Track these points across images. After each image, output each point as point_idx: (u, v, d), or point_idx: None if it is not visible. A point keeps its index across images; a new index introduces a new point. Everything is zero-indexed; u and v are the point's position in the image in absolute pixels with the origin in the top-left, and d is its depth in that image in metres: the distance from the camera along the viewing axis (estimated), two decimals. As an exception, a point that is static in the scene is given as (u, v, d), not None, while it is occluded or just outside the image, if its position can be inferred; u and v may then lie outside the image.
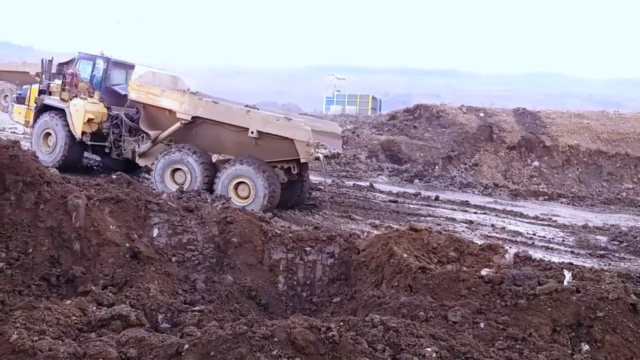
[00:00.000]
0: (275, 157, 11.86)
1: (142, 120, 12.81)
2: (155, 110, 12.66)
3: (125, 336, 3.70)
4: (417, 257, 5.75)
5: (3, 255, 4.81)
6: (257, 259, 6.07)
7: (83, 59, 14.28)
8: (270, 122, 11.72)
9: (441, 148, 22.52)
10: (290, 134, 11.45)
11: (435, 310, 4.56)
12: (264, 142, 11.79)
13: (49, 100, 13.72)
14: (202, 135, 12.35)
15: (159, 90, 12.51)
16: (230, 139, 12.12)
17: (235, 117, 11.96)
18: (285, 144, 11.56)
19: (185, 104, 12.22)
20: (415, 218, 12.84)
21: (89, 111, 13.01)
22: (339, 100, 41.51)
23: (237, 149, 12.03)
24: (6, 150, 5.23)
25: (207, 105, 12.19)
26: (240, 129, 11.85)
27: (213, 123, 12.14)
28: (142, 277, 5.20)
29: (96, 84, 13.95)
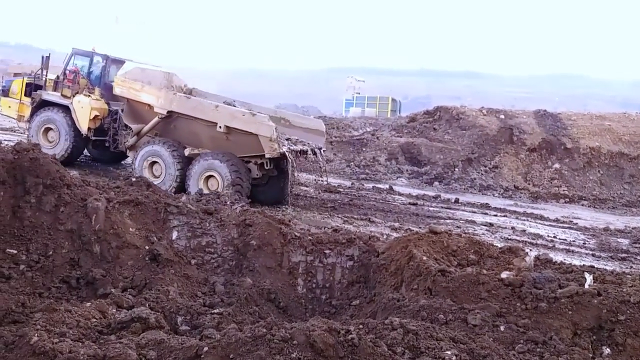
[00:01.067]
0: (246, 152, 12.15)
1: (125, 114, 13.32)
2: (137, 105, 13.11)
3: (144, 338, 3.70)
4: (436, 259, 5.69)
5: (23, 257, 4.86)
6: (276, 261, 6.04)
7: (78, 55, 14.61)
8: (236, 117, 12.05)
9: (461, 150, 22.28)
10: (254, 129, 11.76)
11: (455, 313, 4.50)
12: (234, 137, 12.14)
13: (49, 97, 14.01)
14: (181, 130, 12.78)
15: (139, 86, 12.89)
16: (205, 134, 12.49)
17: (205, 111, 12.33)
18: (252, 139, 11.87)
19: (162, 99, 12.65)
20: (435, 221, 12.71)
21: (94, 108, 13.45)
22: (359, 102, 41.41)
23: (212, 144, 12.38)
24: (27, 153, 5.30)
25: (180, 100, 12.60)
26: (211, 124, 12.19)
27: (188, 118, 12.56)
28: (162, 279, 5.21)
29: (95, 81, 14.34)
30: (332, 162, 21.87)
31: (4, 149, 5.32)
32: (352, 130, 25.57)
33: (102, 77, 14.32)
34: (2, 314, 4.21)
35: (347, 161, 22.00)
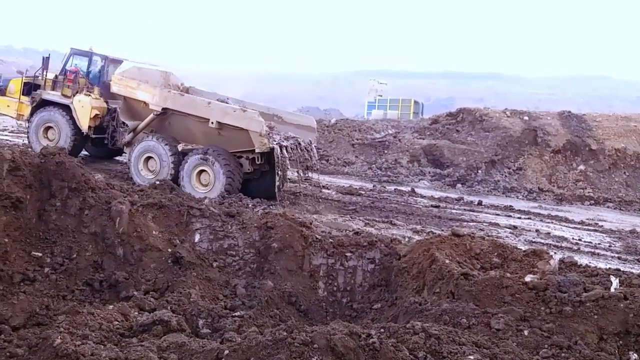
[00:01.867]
0: (238, 147, 12.39)
1: (122, 111, 13.60)
2: (134, 103, 13.43)
3: (166, 341, 3.71)
4: (459, 263, 5.61)
5: (48, 260, 4.93)
6: (298, 264, 6.02)
7: (76, 55, 14.80)
8: (227, 114, 12.34)
9: (484, 152, 21.96)
10: (244, 124, 12.02)
11: (478, 317, 4.43)
12: (226, 133, 12.40)
13: (49, 96, 14.25)
14: (175, 126, 13.08)
15: (135, 84, 13.20)
16: (199, 130, 12.75)
17: (198, 108, 12.65)
18: (243, 135, 12.10)
19: (156, 96, 12.95)
20: (457, 223, 12.53)
21: (95, 107, 13.70)
22: (381, 104, 41.19)
23: (205, 140, 12.66)
24: (52, 157, 5.37)
25: (174, 97, 12.94)
26: (204, 120, 12.45)
27: (182, 115, 12.84)
28: (184, 282, 5.22)
29: (94, 80, 14.54)
30: (354, 165, 21.78)
31: (31, 154, 5.40)
32: (374, 132, 25.43)
33: (100, 77, 14.53)
34: (27, 316, 4.29)
35: (368, 163, 21.88)
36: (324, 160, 22.12)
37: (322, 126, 25.64)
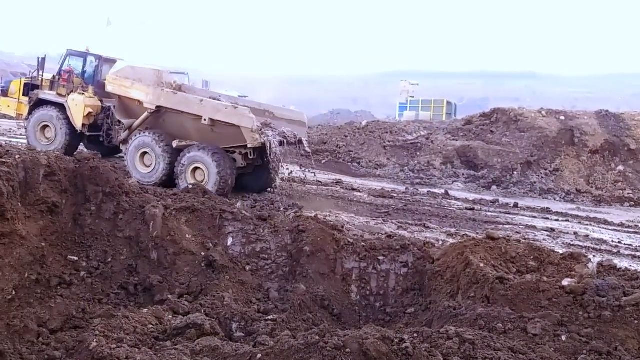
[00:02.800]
0: (230, 143, 12.76)
1: (117, 110, 14.01)
2: (128, 101, 13.84)
3: (199, 345, 3.73)
4: (494, 266, 5.50)
5: (84, 264, 5.04)
6: (330, 268, 5.99)
7: (72, 56, 15.23)
8: (219, 111, 12.69)
9: (520, 153, 21.50)
10: (236, 120, 12.39)
11: (514, 322, 4.32)
12: (218, 130, 12.73)
13: (45, 96, 14.67)
14: (169, 124, 13.43)
15: (129, 83, 13.57)
16: (192, 127, 13.07)
17: (191, 105, 13.00)
18: (235, 131, 12.45)
19: (150, 95, 13.33)
20: (493, 226, 12.29)
21: (88, 105, 14.07)
22: (413, 106, 40.87)
23: (198, 137, 13.00)
24: (87, 162, 5.49)
25: (168, 95, 13.31)
26: (197, 117, 12.79)
27: (176, 112, 13.18)
28: (217, 285, 5.26)
29: (88, 79, 14.94)
30: (386, 167, 21.64)
31: (66, 159, 5.55)
32: (406, 134, 25.20)
33: (95, 76, 14.95)
34: (64, 319, 4.38)
35: (400, 166, 21.71)
36: (355, 163, 22.07)
37: (353, 129, 25.59)
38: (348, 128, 25.91)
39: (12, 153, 4.87)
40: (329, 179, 17.65)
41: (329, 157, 22.71)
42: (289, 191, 14.42)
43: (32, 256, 4.59)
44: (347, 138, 24.22)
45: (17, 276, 4.37)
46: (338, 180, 17.55)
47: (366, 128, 25.34)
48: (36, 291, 4.56)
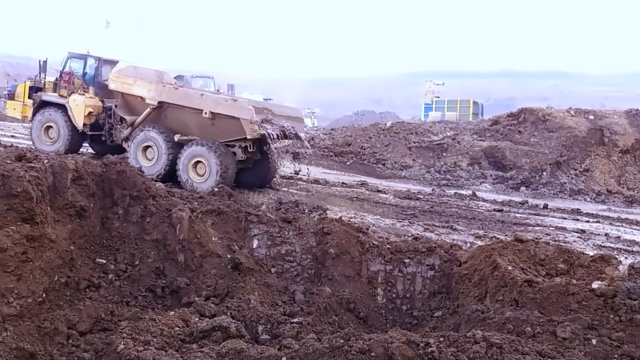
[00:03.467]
0: (230, 137, 13.16)
1: (120, 108, 14.49)
2: (131, 98, 14.36)
3: (225, 347, 3.76)
4: (523, 269, 5.41)
5: (112, 267, 5.12)
6: (355, 270, 5.96)
7: (73, 58, 15.77)
8: (220, 104, 13.25)
9: (549, 153, 21.10)
10: (236, 112, 12.86)
11: (542, 325, 4.26)
12: (218, 123, 13.18)
13: (48, 97, 15.18)
14: (171, 119, 13.87)
15: (132, 80, 14.12)
16: (193, 122, 13.51)
17: (192, 99, 13.53)
18: (235, 123, 12.89)
19: (152, 91, 13.84)
20: (522, 228, 12.06)
21: (88, 105, 14.56)
22: (438, 106, 40.55)
23: (199, 131, 13.42)
24: (114, 166, 5.59)
25: (169, 91, 13.80)
26: (198, 111, 13.24)
27: (177, 107, 13.66)
28: (243, 288, 5.28)
29: (89, 80, 15.39)
30: (411, 168, 21.48)
31: (93, 163, 5.65)
32: (432, 135, 24.97)
33: (95, 77, 15.42)
34: (93, 322, 4.47)
35: (426, 167, 21.51)
36: (380, 164, 21.96)
37: (377, 130, 25.47)
38: (372, 129, 25.80)
39: (40, 158, 4.99)
40: (354, 181, 17.60)
41: (354, 158, 22.65)
42: (313, 193, 14.45)
43: (62, 259, 4.69)
44: (372, 139, 24.12)
45: (47, 279, 4.47)
46: (363, 182, 17.49)
47: (391, 129, 25.20)
48: (65, 294, 4.66)
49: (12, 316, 4.02)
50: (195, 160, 13.00)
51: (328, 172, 19.78)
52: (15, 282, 4.17)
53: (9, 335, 3.81)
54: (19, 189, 4.38)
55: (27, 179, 4.42)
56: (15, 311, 4.06)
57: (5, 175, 4.31)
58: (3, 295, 4.04)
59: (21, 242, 4.28)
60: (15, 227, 4.26)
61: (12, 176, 4.34)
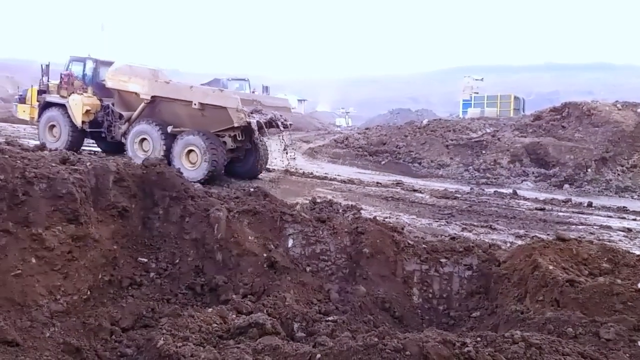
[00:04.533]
0: (220, 126, 14.30)
1: (117, 104, 15.79)
2: (126, 95, 15.56)
3: (261, 344, 3.87)
4: (564, 269, 5.32)
5: (153, 265, 5.35)
6: (390, 270, 5.99)
7: (74, 61, 17.22)
8: (208, 95, 14.40)
9: (594, 149, 20.52)
10: (222, 102, 14.00)
11: (585, 326, 4.17)
12: (208, 113, 14.28)
13: (50, 98, 16.55)
14: (164, 113, 15.08)
15: (127, 77, 15.33)
16: (185, 113, 14.65)
17: (182, 92, 14.72)
18: (223, 113, 13.97)
19: (146, 86, 14.99)
20: (565, 227, 11.81)
21: (86, 104, 15.94)
22: (477, 102, 39.99)
23: (191, 122, 14.57)
24: (154, 168, 5.84)
25: (161, 85, 14.94)
26: (188, 103, 14.36)
27: (169, 100, 14.84)
28: (279, 286, 5.40)
29: (88, 81, 16.78)
30: (449, 167, 21.27)
31: (134, 165, 5.91)
32: (470, 132, 24.65)
33: (93, 78, 16.77)
34: (135, 318, 4.70)
35: (465, 165, 21.26)
36: (416, 163, 21.83)
37: (413, 128, 25.32)
38: (408, 128, 25.67)
39: (83, 161, 5.26)
40: (389, 180, 17.57)
41: (389, 157, 22.60)
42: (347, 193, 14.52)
43: (105, 258, 4.94)
44: (407, 138, 24.00)
45: (91, 277, 4.71)
46: (398, 181, 17.44)
47: (427, 127, 25.02)
48: (109, 291, 4.91)
49: (60, 312, 4.26)
50: (188, 149, 14.17)
51: (362, 172, 19.80)
52: (62, 280, 4.42)
53: (56, 331, 4.05)
54: (64, 191, 4.64)
55: (71, 181, 4.69)
56: (62, 308, 4.30)
57: (51, 178, 4.58)
58: (51, 292, 4.29)
59: (67, 242, 4.54)
60: (61, 227, 4.53)
61: (57, 178, 4.62)
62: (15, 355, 3.60)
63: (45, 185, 4.59)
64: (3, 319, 3.76)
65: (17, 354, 3.62)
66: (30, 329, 3.92)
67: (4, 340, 3.63)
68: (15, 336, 3.73)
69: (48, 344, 3.89)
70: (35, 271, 4.24)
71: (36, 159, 4.76)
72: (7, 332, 3.67)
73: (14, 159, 4.51)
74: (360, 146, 24.03)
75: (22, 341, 3.76)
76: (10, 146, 5.35)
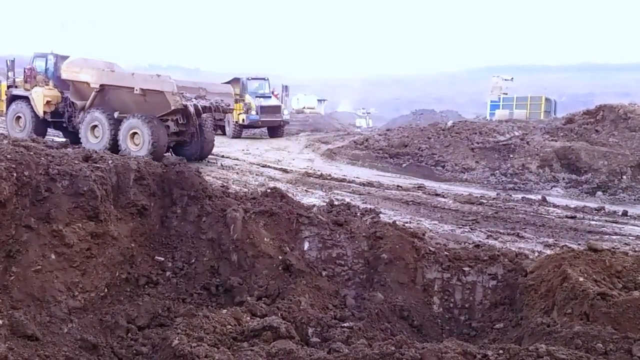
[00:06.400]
0: (162, 110, 16.10)
1: (71, 94, 17.70)
2: (79, 85, 17.51)
3: (275, 347, 3.97)
4: (596, 281, 5.30)
5: (169, 264, 5.53)
6: (409, 277, 6.03)
7: (37, 57, 18.99)
8: (146, 80, 16.28)
9: (630, 155, 20.24)
10: (160, 87, 15.82)
11: (616, 342, 4.16)
12: (150, 99, 16.06)
13: (16, 91, 18.71)
14: (113, 100, 16.97)
15: (79, 68, 17.36)
16: (130, 100, 16.48)
17: (125, 79, 16.62)
18: (162, 97, 15.75)
19: (95, 76, 16.95)
20: (597, 237, 11.70)
21: (47, 95, 17.92)
22: (506, 103, 39.70)
23: (137, 108, 16.39)
24: (173, 167, 6.03)
25: (108, 74, 17.01)
26: (131, 89, 16.14)
27: (116, 88, 16.73)
28: (294, 289, 5.50)
29: (50, 75, 18.57)
30: (474, 171, 21.17)
31: (154, 164, 6.12)
32: (497, 134, 24.48)
33: (55, 72, 18.49)
34: (150, 317, 4.87)
35: (491, 169, 21.13)
36: (440, 167, 21.76)
37: (437, 130, 25.22)
38: (432, 129, 25.57)
39: (105, 159, 5.46)
40: (410, 184, 17.57)
41: (410, 160, 22.55)
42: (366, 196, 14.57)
43: (123, 256, 5.13)
44: (431, 140, 23.92)
45: (109, 275, 4.90)
46: (420, 185, 17.42)
47: (452, 129, 24.91)
48: (126, 289, 5.11)
49: (77, 309, 4.46)
50: (132, 131, 16.09)
51: (382, 175, 19.81)
52: (80, 276, 4.61)
53: (74, 327, 4.23)
54: (85, 188, 4.89)
55: (92, 179, 4.92)
56: (80, 304, 4.50)
57: (73, 175, 4.82)
58: (69, 289, 4.48)
59: (86, 239, 4.75)
60: (81, 224, 4.74)
61: (79, 176, 4.86)
62: (35, 349, 3.78)
63: (67, 182, 4.84)
64: (23, 313, 3.96)
65: (36, 348, 3.81)
66: (49, 324, 4.11)
67: (24, 334, 3.83)
68: (35, 331, 3.93)
69: (66, 340, 4.08)
70: (54, 267, 4.45)
71: (60, 156, 4.99)
72: (27, 326, 3.87)
73: (39, 156, 4.74)
74: (381, 148, 24.01)
75: (42, 336, 3.96)
76: (35, 143, 5.59)
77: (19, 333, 3.84)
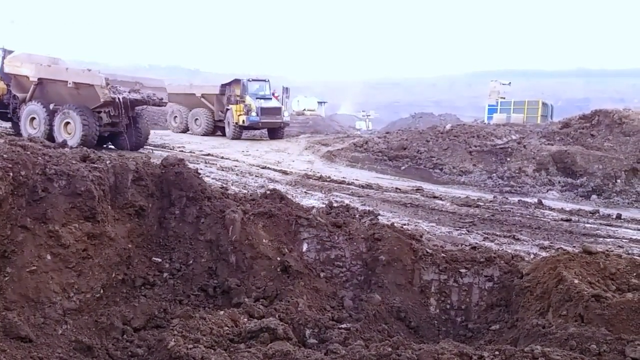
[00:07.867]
0: (95, 103, 17.22)
1: (13, 87, 18.71)
2: (21, 78, 18.45)
3: (272, 349, 3.92)
4: (590, 283, 5.27)
5: (167, 266, 5.44)
6: (407, 278, 5.99)
7: None
8: (78, 74, 17.42)
9: (624, 159, 20.22)
10: (90, 80, 16.99)
11: (610, 344, 4.13)
12: (83, 92, 17.17)
13: None
14: (51, 93, 18.05)
15: (19, 62, 18.24)
16: (66, 93, 17.60)
17: (59, 74, 17.66)
18: (93, 90, 16.89)
19: (33, 70, 17.85)
20: (592, 239, 11.67)
21: None
22: (504, 108, 39.70)
23: (72, 100, 17.49)
24: (172, 168, 5.94)
25: (45, 68, 17.94)
26: (65, 83, 17.25)
27: (53, 81, 17.76)
28: (292, 291, 5.44)
29: None
30: (471, 174, 21.13)
31: (153, 164, 6.03)
32: (495, 138, 24.45)
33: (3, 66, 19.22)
34: (147, 318, 4.79)
35: (488, 172, 21.10)
36: (438, 169, 21.72)
37: (435, 133, 25.18)
38: (430, 132, 25.54)
39: (103, 159, 5.39)
40: (409, 186, 17.53)
41: (409, 163, 22.52)
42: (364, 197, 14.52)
43: (119, 257, 5.04)
44: (429, 143, 23.88)
45: (105, 275, 4.82)
46: (418, 187, 17.39)
47: (450, 132, 24.86)
48: (122, 290, 5.01)
49: (72, 310, 4.37)
50: (65, 122, 17.31)
51: (381, 177, 19.78)
52: (76, 277, 4.53)
53: (68, 329, 4.15)
54: (83, 188, 4.79)
55: (90, 179, 4.83)
56: (75, 305, 4.41)
57: (71, 175, 4.73)
58: (64, 290, 4.40)
59: (82, 239, 4.66)
60: (78, 225, 4.66)
61: (76, 176, 4.77)
62: (28, 351, 3.71)
63: (64, 182, 4.74)
64: (17, 314, 3.89)
65: (30, 349, 3.73)
66: (44, 325, 4.03)
67: (18, 335, 3.75)
68: (29, 332, 3.85)
69: (60, 341, 4.00)
70: (50, 268, 4.37)
71: (57, 155, 4.91)
72: (21, 327, 3.79)
73: (36, 156, 4.66)
74: (380, 150, 23.97)
75: (35, 337, 3.88)
76: (33, 142, 5.51)
77: (12, 334, 3.76)
